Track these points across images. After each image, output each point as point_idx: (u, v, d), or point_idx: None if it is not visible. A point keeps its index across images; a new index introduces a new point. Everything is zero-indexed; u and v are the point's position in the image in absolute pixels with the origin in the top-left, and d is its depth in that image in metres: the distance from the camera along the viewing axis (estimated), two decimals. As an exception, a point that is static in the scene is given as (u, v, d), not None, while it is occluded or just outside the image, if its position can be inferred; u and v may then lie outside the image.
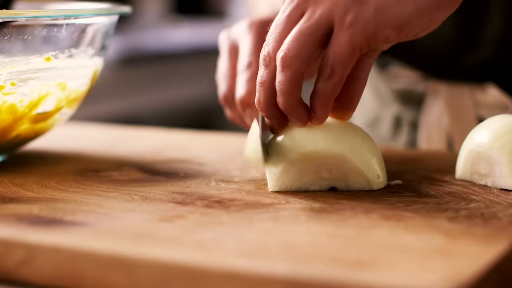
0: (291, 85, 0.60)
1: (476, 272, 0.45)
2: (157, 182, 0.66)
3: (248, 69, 0.73)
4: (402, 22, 0.58)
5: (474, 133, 0.65)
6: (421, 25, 0.59)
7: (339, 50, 0.58)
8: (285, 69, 0.59)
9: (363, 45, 0.58)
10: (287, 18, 0.60)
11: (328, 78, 0.59)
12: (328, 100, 0.60)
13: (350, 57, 0.58)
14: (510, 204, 0.59)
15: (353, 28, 0.57)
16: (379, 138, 0.94)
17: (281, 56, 0.59)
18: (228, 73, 0.76)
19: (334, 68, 0.59)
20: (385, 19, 0.58)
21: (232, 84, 0.75)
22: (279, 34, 0.60)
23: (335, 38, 0.58)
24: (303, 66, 0.59)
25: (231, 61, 0.76)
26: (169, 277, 0.47)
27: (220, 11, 3.45)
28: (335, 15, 0.58)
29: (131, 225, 0.54)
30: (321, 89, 0.60)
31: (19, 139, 0.72)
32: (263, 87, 0.61)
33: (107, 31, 0.74)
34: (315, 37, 0.59)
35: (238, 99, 0.72)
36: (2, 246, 0.51)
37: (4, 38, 0.67)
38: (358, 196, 0.61)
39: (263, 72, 0.61)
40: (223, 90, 0.75)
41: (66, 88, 0.72)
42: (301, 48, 0.59)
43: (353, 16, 0.57)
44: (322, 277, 0.44)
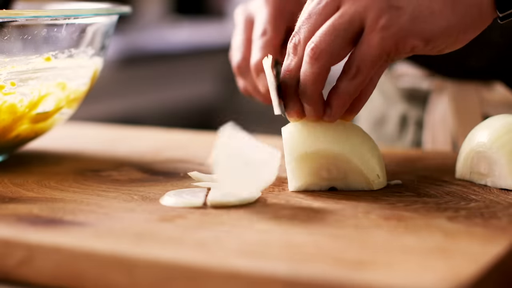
0: (316, 78, 0.60)
1: (475, 271, 0.45)
2: (157, 182, 0.66)
3: (263, 36, 0.73)
4: (432, 35, 0.59)
5: (474, 132, 0.65)
6: (447, 43, 0.60)
7: (368, 51, 0.59)
8: (313, 62, 0.60)
9: (391, 50, 0.59)
10: (322, 9, 0.60)
11: (353, 78, 0.59)
12: (348, 99, 0.61)
13: (377, 60, 0.59)
14: (509, 204, 0.59)
15: (386, 31, 0.58)
16: (385, 137, 0.94)
17: (311, 48, 0.59)
18: (242, 44, 0.76)
19: (360, 68, 0.59)
20: (417, 29, 0.58)
21: (246, 54, 0.75)
22: (312, 25, 0.60)
23: (366, 38, 0.59)
24: (331, 61, 0.60)
25: (246, 33, 0.76)
26: (169, 277, 0.47)
27: (220, 11, 3.45)
28: (370, 15, 0.58)
29: (131, 225, 0.54)
30: (343, 88, 0.60)
31: (19, 139, 0.72)
32: (290, 74, 0.62)
33: (107, 31, 0.74)
34: (347, 34, 0.59)
35: (253, 64, 0.72)
36: (2, 246, 0.51)
37: (4, 38, 0.67)
38: (358, 196, 0.61)
39: (290, 60, 0.62)
40: (237, 59, 0.75)
41: (66, 88, 0.72)
42: (332, 43, 0.59)
43: (387, 20, 0.58)
44: (322, 277, 0.44)
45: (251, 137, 0.61)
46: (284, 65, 0.62)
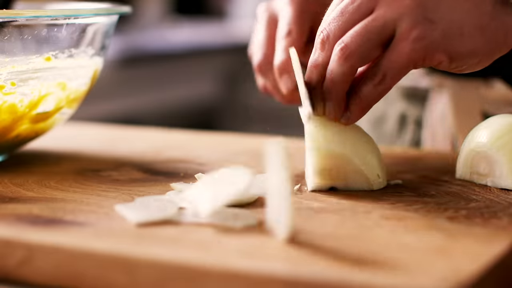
0: (342, 78, 0.60)
1: (476, 271, 0.45)
2: (157, 182, 0.66)
3: (288, 37, 0.73)
4: (458, 55, 0.60)
5: (474, 132, 0.65)
6: (470, 64, 0.61)
7: (397, 59, 0.59)
8: (342, 61, 0.60)
9: (419, 61, 0.59)
10: (356, 8, 0.60)
11: (378, 84, 0.60)
12: (369, 105, 0.61)
13: (405, 69, 0.59)
14: (510, 204, 0.59)
15: (417, 43, 0.58)
16: (384, 136, 0.94)
17: (341, 47, 0.59)
18: (265, 42, 0.75)
19: (386, 75, 0.59)
20: (446, 46, 0.59)
21: (268, 52, 0.75)
22: (344, 24, 0.60)
23: (396, 46, 0.59)
24: (359, 62, 0.60)
25: (269, 31, 0.76)
26: (169, 277, 0.47)
27: (220, 11, 3.45)
28: (404, 24, 0.59)
29: (131, 225, 0.54)
30: (367, 93, 0.60)
31: (19, 139, 0.72)
32: (316, 70, 0.62)
33: (107, 31, 0.74)
34: (379, 38, 0.59)
35: (276, 64, 0.72)
36: (2, 246, 0.51)
37: (4, 38, 0.67)
38: (358, 196, 0.61)
39: (318, 55, 0.62)
40: (258, 58, 0.75)
41: (66, 88, 0.72)
42: (363, 45, 0.59)
43: (420, 31, 0.58)
44: (322, 277, 0.44)
45: None
46: (310, 60, 0.62)
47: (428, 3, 0.59)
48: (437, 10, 0.59)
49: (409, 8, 0.59)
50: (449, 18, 0.59)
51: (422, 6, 0.59)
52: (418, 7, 0.59)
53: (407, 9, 0.59)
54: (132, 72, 2.59)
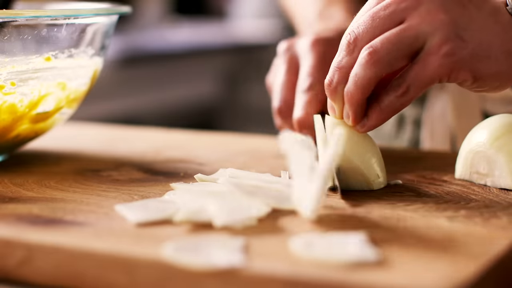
0: (367, 83, 0.60)
1: (476, 271, 0.45)
2: (157, 182, 0.66)
3: (309, 91, 0.72)
4: (482, 76, 0.60)
5: (473, 132, 0.65)
6: (492, 86, 0.61)
7: (423, 72, 0.59)
8: (368, 66, 0.59)
9: (445, 77, 0.59)
10: (388, 16, 0.60)
11: (401, 95, 0.59)
12: (390, 115, 0.61)
13: (430, 83, 0.59)
14: (509, 204, 0.59)
15: (446, 58, 0.58)
16: (383, 136, 0.94)
17: (370, 51, 0.59)
18: (285, 86, 0.75)
19: (411, 87, 0.59)
20: (473, 65, 0.59)
21: (288, 97, 0.74)
22: (373, 28, 0.60)
23: (425, 59, 0.59)
24: (385, 69, 0.59)
25: (289, 75, 0.75)
26: (169, 277, 0.47)
27: (220, 11, 3.45)
28: (435, 38, 0.59)
29: (131, 225, 0.54)
30: (389, 103, 0.60)
31: (19, 139, 0.72)
32: (339, 72, 0.61)
33: (107, 31, 0.74)
34: (408, 48, 0.59)
35: (295, 119, 0.72)
36: (2, 246, 0.51)
37: (4, 38, 0.67)
38: (358, 196, 0.61)
39: (342, 57, 0.61)
40: (278, 102, 0.74)
41: (66, 88, 0.72)
42: (393, 52, 0.59)
43: (451, 47, 0.59)
44: (322, 277, 0.44)
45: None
46: (334, 61, 0.62)
47: (460, 21, 0.59)
48: (468, 29, 0.59)
49: (443, 23, 0.59)
50: (478, 38, 0.59)
51: (455, 23, 0.59)
52: (451, 23, 0.59)
53: (440, 24, 0.59)
54: (132, 72, 2.59)
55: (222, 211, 0.54)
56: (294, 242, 0.49)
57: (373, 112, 0.61)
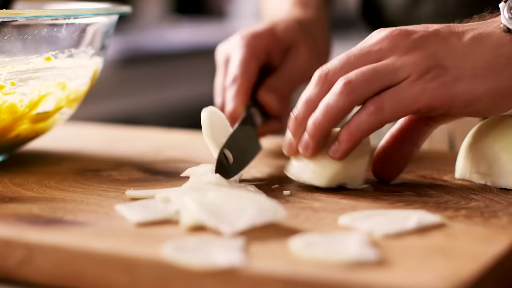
0: (337, 112, 0.59)
1: (476, 271, 0.45)
2: (157, 182, 0.66)
3: (233, 84, 0.75)
4: (473, 97, 0.59)
5: (474, 132, 0.65)
6: (490, 106, 0.60)
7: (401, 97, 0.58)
8: (343, 95, 0.58)
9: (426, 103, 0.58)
10: (363, 55, 0.60)
11: (371, 113, 0.58)
12: (359, 135, 0.59)
13: (407, 109, 0.58)
14: (509, 203, 0.59)
15: (430, 84, 0.58)
16: (381, 136, 0.94)
17: (345, 82, 0.58)
18: (220, 87, 0.78)
19: (385, 107, 0.58)
20: (459, 90, 0.58)
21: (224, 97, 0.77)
22: (348, 64, 0.60)
23: (406, 84, 0.58)
24: (358, 101, 0.59)
25: (224, 75, 0.78)
26: (169, 277, 0.47)
27: (220, 11, 3.45)
28: (415, 71, 0.58)
29: (131, 225, 0.54)
30: (358, 122, 0.59)
31: (19, 139, 0.72)
32: (306, 105, 0.61)
33: (107, 31, 0.74)
34: (384, 81, 0.58)
35: (227, 114, 0.74)
36: (2, 246, 0.51)
37: (4, 38, 0.67)
38: (358, 196, 0.61)
39: (312, 90, 0.61)
40: (217, 105, 0.77)
41: (66, 88, 0.72)
42: (367, 83, 0.58)
43: (433, 75, 0.58)
44: (322, 277, 0.44)
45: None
46: (302, 95, 0.61)
47: (440, 53, 0.59)
48: (449, 58, 0.59)
49: (421, 58, 0.58)
50: (462, 65, 0.59)
51: (435, 55, 0.59)
52: (430, 56, 0.59)
53: (418, 58, 0.58)
54: (132, 72, 2.58)
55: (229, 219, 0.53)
56: (294, 242, 0.49)
57: (342, 134, 0.60)
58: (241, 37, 0.78)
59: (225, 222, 0.52)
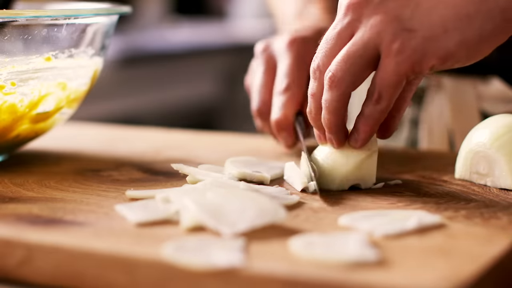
0: (337, 105, 0.61)
1: (475, 271, 0.45)
2: (157, 182, 0.66)
3: (285, 92, 0.73)
4: (448, 52, 0.58)
5: (473, 132, 0.65)
6: (467, 56, 0.59)
7: (385, 76, 0.59)
8: (332, 90, 0.60)
9: (408, 72, 0.59)
10: (337, 35, 0.61)
11: (376, 103, 0.60)
12: (374, 124, 0.61)
13: (397, 84, 0.59)
14: (509, 204, 0.59)
15: (400, 56, 0.58)
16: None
17: (329, 76, 0.60)
18: (263, 87, 0.76)
19: (382, 93, 0.59)
20: (431, 49, 0.58)
21: (266, 98, 0.75)
22: (329, 50, 0.61)
23: (382, 64, 0.59)
24: (350, 87, 0.60)
25: (267, 75, 0.76)
26: (169, 277, 0.47)
27: (220, 11, 3.45)
28: (384, 41, 0.58)
29: (131, 225, 0.54)
30: (369, 113, 0.61)
31: (19, 139, 0.72)
32: (314, 99, 0.62)
33: (107, 31, 0.74)
34: (363, 60, 0.59)
35: (273, 121, 0.73)
36: (2, 246, 0.51)
37: (4, 38, 0.67)
38: (358, 196, 0.61)
39: (313, 85, 0.62)
40: (256, 104, 0.76)
41: (66, 88, 0.72)
42: (348, 70, 0.59)
43: (400, 43, 0.58)
44: (322, 277, 0.44)
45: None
46: (309, 89, 0.63)
47: (403, 14, 0.58)
48: (414, 18, 0.58)
49: (385, 23, 0.58)
50: (428, 21, 0.58)
51: (398, 18, 0.58)
52: (393, 20, 0.58)
53: (383, 25, 0.58)
54: (132, 72, 2.59)
55: (228, 221, 0.52)
56: (294, 242, 0.49)
57: (359, 124, 0.62)
58: (291, 41, 0.76)
59: (225, 223, 0.52)
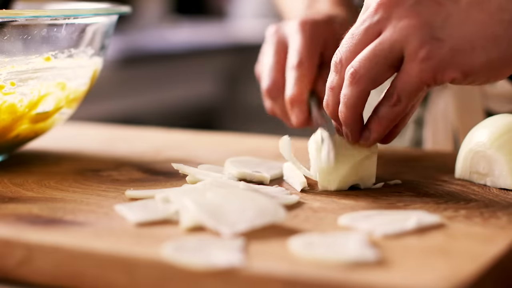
0: (355, 101, 0.61)
1: (475, 271, 0.45)
2: (157, 182, 0.66)
3: (298, 68, 0.73)
4: (472, 69, 0.58)
5: (473, 132, 0.65)
6: (488, 76, 0.60)
7: (407, 80, 0.59)
8: (353, 86, 0.60)
9: (430, 80, 0.58)
10: (364, 31, 0.60)
11: (393, 105, 0.60)
12: (388, 125, 0.61)
13: (417, 90, 0.59)
14: (509, 204, 0.59)
15: (425, 63, 0.58)
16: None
17: (351, 72, 0.60)
18: (274, 67, 0.75)
19: (401, 96, 0.59)
20: (457, 61, 0.58)
21: (277, 78, 0.75)
22: (354, 46, 0.61)
23: (405, 68, 0.59)
24: (370, 85, 0.60)
25: (278, 56, 0.76)
26: (169, 277, 0.47)
27: (220, 11, 3.45)
28: (410, 45, 0.58)
29: (131, 225, 0.54)
30: (384, 114, 0.61)
31: (19, 139, 0.72)
32: (333, 92, 0.62)
33: (106, 31, 0.74)
34: (387, 61, 0.59)
35: (288, 96, 0.73)
36: (2, 246, 0.51)
37: (4, 38, 0.67)
38: (358, 196, 0.61)
39: (333, 78, 0.62)
40: (267, 83, 0.75)
41: (65, 88, 0.72)
42: (372, 69, 0.59)
43: (428, 51, 0.58)
44: (322, 277, 0.44)
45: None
46: (327, 82, 0.63)
47: (435, 22, 0.58)
48: (444, 27, 0.58)
49: (415, 28, 0.58)
50: (458, 34, 0.58)
51: (429, 25, 0.58)
52: (424, 27, 0.58)
53: (413, 29, 0.58)
54: (132, 72, 2.59)
55: (227, 221, 0.52)
56: (294, 242, 0.49)
57: (372, 124, 0.62)
58: (302, 22, 0.75)
59: (224, 223, 0.52)
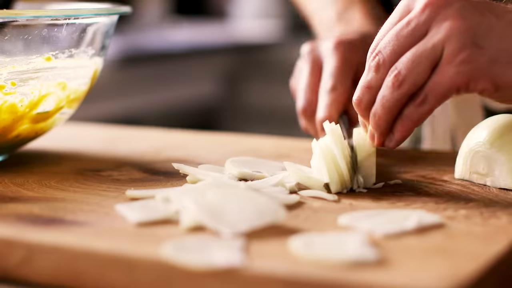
0: (395, 104, 0.60)
1: (475, 271, 0.45)
2: (157, 182, 0.66)
3: (332, 93, 0.73)
4: (504, 83, 0.58)
5: (473, 132, 0.65)
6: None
7: (440, 81, 0.58)
8: (395, 88, 0.59)
9: (462, 86, 0.58)
10: (411, 32, 0.60)
11: (419, 105, 0.59)
12: (411, 126, 0.61)
13: (447, 93, 0.59)
14: (509, 204, 0.59)
15: (463, 67, 0.58)
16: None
17: (395, 74, 0.59)
18: (308, 87, 0.76)
19: (428, 97, 0.59)
20: (493, 72, 0.58)
21: (312, 98, 0.76)
22: (399, 48, 0.60)
23: (441, 69, 0.58)
24: (411, 89, 0.60)
25: (313, 76, 0.76)
26: (169, 277, 0.47)
27: (220, 11, 3.45)
28: (451, 46, 0.58)
29: (131, 225, 0.54)
30: (408, 114, 0.60)
31: (19, 139, 0.72)
32: (368, 92, 0.62)
33: (107, 31, 0.74)
34: (428, 61, 0.59)
35: (319, 119, 0.73)
36: (3, 246, 0.51)
37: (4, 38, 0.67)
38: (358, 196, 0.61)
39: (371, 77, 0.62)
40: (302, 104, 0.76)
41: (66, 88, 0.72)
42: (416, 71, 0.59)
43: (468, 55, 0.58)
44: (322, 277, 0.45)
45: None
46: (363, 79, 0.62)
47: (478, 29, 0.58)
48: (486, 36, 0.58)
49: (459, 30, 0.58)
50: (498, 46, 0.58)
51: (472, 30, 0.58)
52: (467, 31, 0.58)
53: (456, 31, 0.58)
54: (132, 72, 2.59)
55: (228, 221, 0.52)
56: (294, 242, 0.49)
57: (396, 125, 0.61)
58: (337, 43, 0.76)
59: (224, 223, 0.52)
